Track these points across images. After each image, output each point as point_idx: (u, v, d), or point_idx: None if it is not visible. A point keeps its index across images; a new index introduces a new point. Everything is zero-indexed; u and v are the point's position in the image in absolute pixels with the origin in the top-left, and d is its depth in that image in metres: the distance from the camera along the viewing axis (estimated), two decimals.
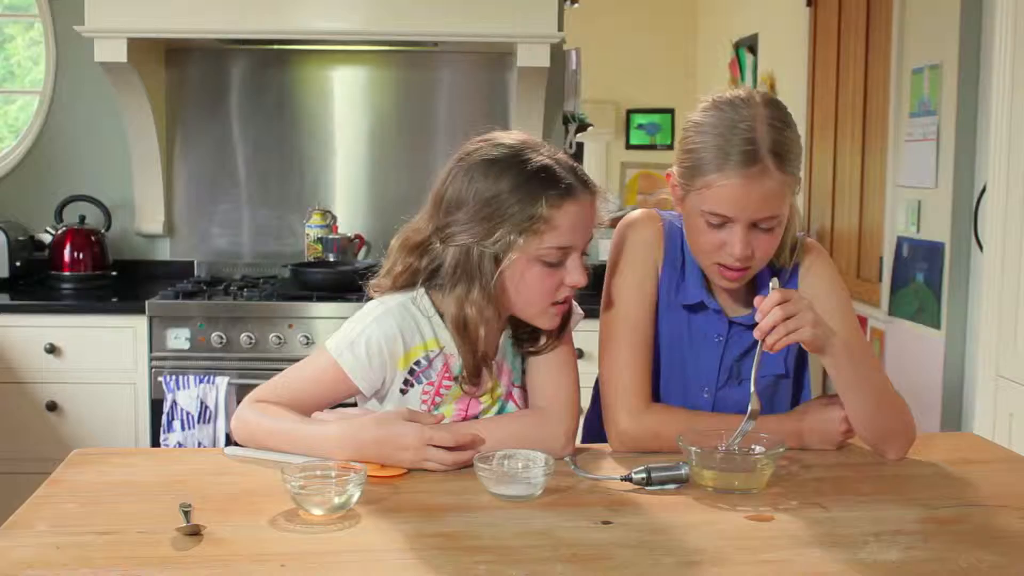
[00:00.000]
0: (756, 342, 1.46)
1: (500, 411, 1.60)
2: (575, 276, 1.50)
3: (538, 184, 1.45)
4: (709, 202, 1.50)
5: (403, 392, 1.57)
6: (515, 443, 1.48)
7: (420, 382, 1.56)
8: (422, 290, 1.56)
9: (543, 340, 1.59)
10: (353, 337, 1.54)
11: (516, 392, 1.62)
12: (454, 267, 1.50)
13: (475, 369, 1.54)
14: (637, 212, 1.69)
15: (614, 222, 1.72)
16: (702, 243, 1.55)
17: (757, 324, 1.44)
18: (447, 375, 1.56)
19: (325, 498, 1.30)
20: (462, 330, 1.51)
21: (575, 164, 1.53)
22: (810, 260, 1.66)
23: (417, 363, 1.55)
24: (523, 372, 1.63)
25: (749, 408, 1.46)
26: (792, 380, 1.72)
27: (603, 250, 3.64)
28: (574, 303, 1.63)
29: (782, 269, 1.65)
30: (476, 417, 1.58)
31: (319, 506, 1.29)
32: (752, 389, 1.47)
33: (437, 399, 1.56)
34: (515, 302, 1.52)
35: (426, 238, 1.54)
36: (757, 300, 1.46)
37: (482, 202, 1.47)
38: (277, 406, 1.54)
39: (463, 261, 1.49)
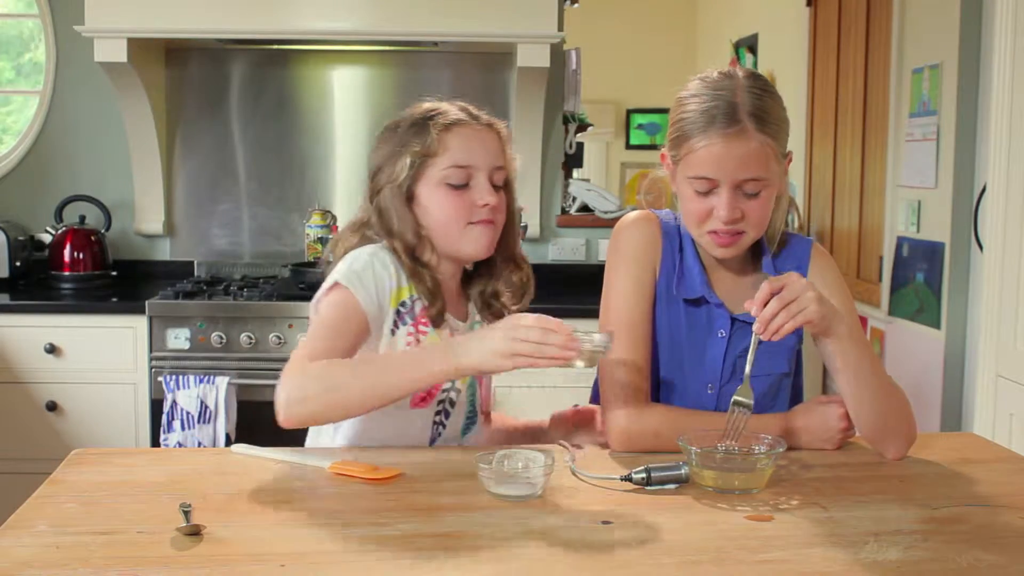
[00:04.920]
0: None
1: (467, 380, 1.65)
2: (483, 195, 1.59)
3: (429, 119, 1.61)
4: (694, 166, 1.54)
5: (392, 332, 1.60)
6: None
7: (405, 323, 1.60)
8: (379, 245, 1.63)
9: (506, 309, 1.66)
10: (359, 268, 1.57)
11: None
12: (379, 213, 1.61)
13: (436, 307, 1.60)
14: (633, 213, 1.70)
15: (613, 223, 1.72)
16: (692, 211, 1.58)
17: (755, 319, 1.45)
18: (424, 320, 1.60)
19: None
20: (411, 263, 1.59)
21: (473, 107, 1.65)
22: (818, 265, 1.67)
23: (403, 303, 1.60)
24: None
25: (733, 398, 1.47)
26: (791, 382, 1.72)
27: (602, 251, 3.64)
28: None
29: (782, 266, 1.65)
30: None
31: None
32: (745, 383, 1.47)
33: (417, 343, 1.60)
34: (435, 232, 1.60)
35: (365, 214, 1.65)
36: (747, 304, 1.46)
37: (388, 151, 1.63)
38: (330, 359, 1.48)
39: (385, 207, 1.61)
